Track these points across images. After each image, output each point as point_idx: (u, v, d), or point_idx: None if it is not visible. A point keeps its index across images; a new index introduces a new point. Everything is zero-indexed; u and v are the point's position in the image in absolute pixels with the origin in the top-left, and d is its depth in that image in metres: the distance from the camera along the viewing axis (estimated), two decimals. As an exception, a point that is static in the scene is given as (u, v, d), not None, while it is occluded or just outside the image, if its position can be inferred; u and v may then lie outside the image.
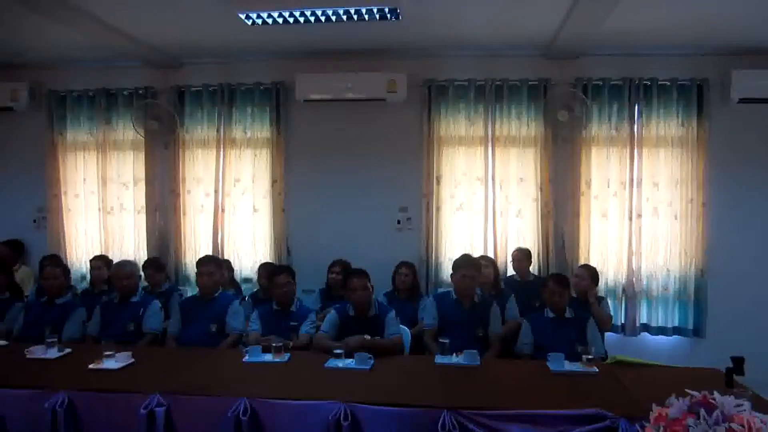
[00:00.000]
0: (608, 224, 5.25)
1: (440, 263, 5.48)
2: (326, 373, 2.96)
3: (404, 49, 5.33)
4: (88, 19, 4.42)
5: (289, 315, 3.80)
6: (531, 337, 3.60)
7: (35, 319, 3.92)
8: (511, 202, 5.38)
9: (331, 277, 4.68)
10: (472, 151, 5.42)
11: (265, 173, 5.67)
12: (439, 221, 5.47)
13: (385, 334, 3.45)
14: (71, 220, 5.98)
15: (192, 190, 5.78)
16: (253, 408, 2.51)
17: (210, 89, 5.68)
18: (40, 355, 3.25)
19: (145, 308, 3.95)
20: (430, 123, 5.42)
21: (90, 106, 5.87)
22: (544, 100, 5.21)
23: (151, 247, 5.79)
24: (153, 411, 2.55)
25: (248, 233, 5.73)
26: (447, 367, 3.08)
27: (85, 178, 5.95)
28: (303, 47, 5.30)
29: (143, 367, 3.09)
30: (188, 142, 5.77)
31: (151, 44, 5.22)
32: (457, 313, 3.69)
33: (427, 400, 2.53)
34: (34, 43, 5.24)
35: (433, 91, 5.41)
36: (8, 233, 5.92)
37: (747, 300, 5.05)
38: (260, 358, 3.18)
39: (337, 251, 5.04)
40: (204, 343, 3.69)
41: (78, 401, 2.67)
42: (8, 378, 2.88)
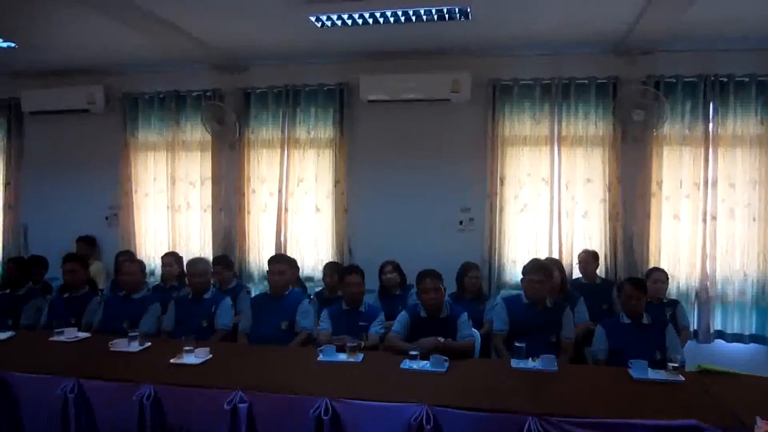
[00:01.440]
0: (680, 226, 5.05)
1: (503, 264, 5.42)
2: (403, 375, 2.95)
3: (468, 48, 5.28)
4: (160, 24, 4.58)
5: (359, 315, 3.82)
6: (606, 343, 3.48)
7: (114, 313, 4.08)
8: (577, 202, 5.25)
9: (384, 278, 4.66)
10: (537, 151, 5.32)
11: (327, 173, 5.73)
12: (503, 222, 5.40)
13: (457, 336, 3.42)
14: (141, 217, 6.21)
15: (256, 190, 5.91)
16: (334, 408, 2.53)
17: (275, 91, 5.79)
18: (124, 348, 3.39)
19: (217, 305, 4.04)
20: (494, 123, 5.36)
21: (160, 108, 6.09)
22: (616, 99, 5.06)
23: (216, 245, 5.95)
24: (236, 407, 2.60)
25: (311, 233, 5.81)
26: (524, 371, 3.03)
27: (154, 177, 6.18)
28: (366, 48, 5.32)
29: (221, 362, 3.17)
30: (253, 142, 5.90)
31: (219, 48, 5.36)
32: (529, 317, 3.61)
33: (510, 406, 2.48)
34: (109, 49, 5.47)
35: (497, 91, 5.35)
36: (82, 230, 6.19)
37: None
38: (335, 357, 3.21)
39: (399, 252, 5.02)
40: (275, 341, 3.74)
41: (163, 394, 2.76)
42: (96, 369, 3.01)
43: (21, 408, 2.98)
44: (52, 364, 3.12)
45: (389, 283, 4.63)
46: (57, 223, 6.32)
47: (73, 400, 2.80)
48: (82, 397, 2.84)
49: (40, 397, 2.92)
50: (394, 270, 4.63)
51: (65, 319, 4.05)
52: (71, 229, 6.14)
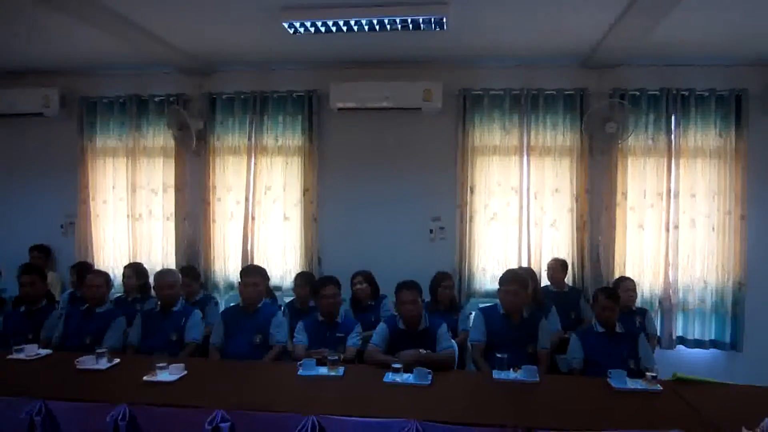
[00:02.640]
0: (644, 236, 5.21)
1: (473, 274, 5.45)
2: (387, 388, 2.91)
3: (440, 58, 5.32)
4: (122, 23, 4.40)
5: (336, 327, 3.75)
6: (581, 353, 3.53)
7: (75, 327, 3.88)
8: (546, 212, 5.34)
9: (355, 289, 4.60)
10: (507, 160, 5.40)
11: (296, 181, 5.64)
12: (473, 231, 5.44)
13: (437, 348, 3.40)
14: (99, 226, 5.96)
15: (222, 198, 5.76)
16: (321, 425, 2.46)
17: (242, 97, 5.67)
18: (91, 366, 3.20)
19: (186, 318, 3.90)
20: (465, 132, 5.40)
21: (121, 112, 5.87)
22: (587, 111, 5.14)
23: (180, 254, 5.76)
24: (218, 426, 2.50)
25: (279, 242, 5.70)
26: (506, 383, 3.03)
27: (114, 184, 5.94)
28: (338, 56, 5.29)
29: (197, 379, 3.05)
30: (219, 149, 5.75)
31: (185, 50, 5.20)
32: (506, 328, 3.62)
33: (499, 419, 2.47)
34: (66, 49, 5.23)
35: (468, 101, 5.40)
36: (36, 239, 5.90)
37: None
38: (315, 371, 3.13)
39: (369, 261, 4.97)
40: (248, 355, 3.64)
41: (139, 414, 2.63)
42: (63, 390, 2.84)
43: (-22, 434, 2.78)
44: (13, 384, 2.93)
45: (360, 294, 4.57)
46: (8, 232, 6.01)
47: (40, 423, 2.63)
48: (50, 419, 2.66)
49: (4, 420, 2.72)
50: (364, 281, 4.58)
51: (23, 334, 3.81)
52: (23, 238, 5.84)
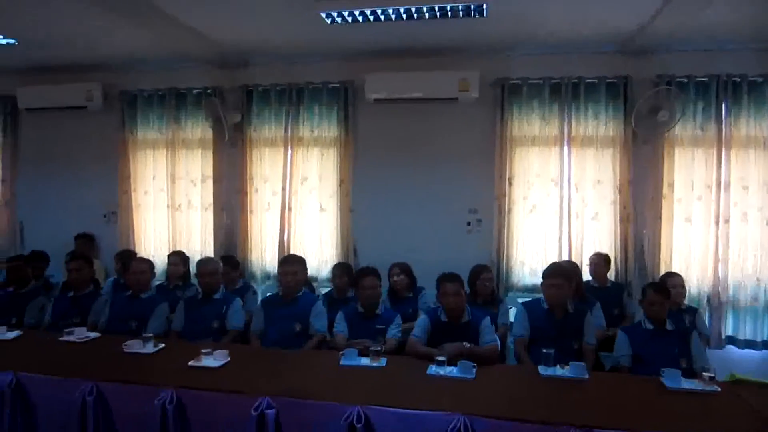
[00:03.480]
0: (692, 229, 5.02)
1: (512, 267, 5.36)
2: (430, 381, 2.87)
3: (477, 47, 5.22)
4: (163, 18, 4.46)
5: (376, 318, 3.73)
6: (629, 349, 3.41)
7: (120, 312, 3.97)
8: (587, 204, 5.21)
9: (392, 281, 4.56)
10: (547, 151, 5.27)
11: (332, 172, 5.63)
12: (511, 224, 5.34)
13: (480, 341, 3.34)
14: (141, 216, 6.08)
15: (259, 189, 5.79)
16: (367, 415, 2.44)
17: (277, 88, 5.68)
18: (138, 350, 3.28)
19: (228, 305, 3.95)
20: (503, 123, 5.30)
21: (160, 105, 5.96)
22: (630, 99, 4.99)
23: (218, 244, 5.83)
24: (264, 413, 2.51)
25: (315, 232, 5.71)
26: (554, 379, 2.95)
27: (154, 175, 6.05)
28: (372, 46, 5.24)
29: (241, 366, 3.07)
30: (256, 140, 5.79)
31: (222, 43, 5.23)
32: (550, 323, 3.53)
33: (548, 416, 2.40)
34: (108, 45, 5.33)
35: (506, 90, 5.29)
36: (79, 228, 6.05)
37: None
38: (357, 362, 3.11)
39: (405, 253, 4.92)
40: (287, 343, 3.65)
41: (186, 398, 2.66)
42: (112, 372, 2.91)
43: (36, 411, 2.87)
44: (66, 365, 3.02)
45: (397, 286, 4.53)
46: (54, 220, 6.19)
47: (92, 403, 2.70)
48: (101, 400, 2.73)
49: (57, 400, 2.81)
50: (401, 272, 4.53)
51: (70, 318, 3.92)
52: (68, 227, 6.00)
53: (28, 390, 2.90)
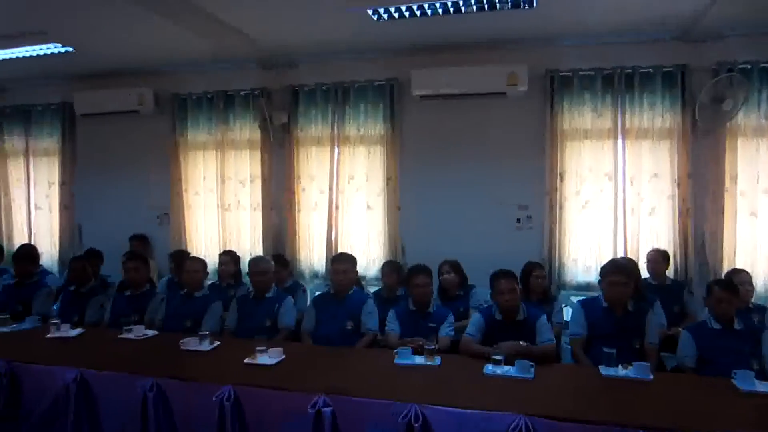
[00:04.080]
0: (758, 224, 4.77)
1: (564, 264, 5.23)
2: (487, 380, 2.80)
3: (525, 39, 5.12)
4: (211, 21, 4.54)
5: (428, 316, 3.68)
6: (694, 350, 3.25)
7: (176, 311, 4.05)
8: (643, 199, 5.02)
9: (442, 278, 4.49)
10: (599, 145, 5.12)
11: (379, 170, 5.62)
12: (563, 220, 5.20)
13: (537, 340, 3.25)
14: (192, 216, 6.21)
15: (306, 188, 5.83)
16: (424, 415, 2.40)
17: (323, 88, 5.70)
18: (195, 347, 3.35)
19: (280, 304, 3.97)
20: (553, 116, 5.17)
21: (209, 107, 6.07)
22: (689, 88, 4.79)
23: (267, 243, 5.89)
24: (320, 411, 2.50)
25: (362, 231, 5.71)
26: (616, 380, 2.83)
27: (204, 176, 6.17)
28: (418, 42, 5.20)
29: (296, 364, 3.08)
30: (302, 140, 5.83)
31: (269, 45, 5.30)
32: (609, 322, 3.39)
33: (613, 417, 2.31)
34: (159, 50, 5.49)
35: (556, 83, 5.16)
36: (134, 229, 6.22)
37: None
38: (411, 360, 3.08)
39: (453, 251, 4.82)
40: (339, 341, 3.64)
41: (243, 395, 2.68)
42: (171, 369, 2.97)
43: (99, 405, 2.96)
44: (127, 362, 3.10)
45: (447, 283, 4.46)
46: (109, 222, 6.38)
47: (152, 399, 2.75)
48: (160, 396, 2.79)
49: (119, 395, 2.89)
50: (452, 270, 4.46)
51: (128, 316, 4.03)
52: (123, 229, 6.17)
53: (91, 385, 2.98)
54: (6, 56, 5.37)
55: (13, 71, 5.99)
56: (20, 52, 5.28)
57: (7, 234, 6.88)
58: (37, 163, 6.80)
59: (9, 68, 5.81)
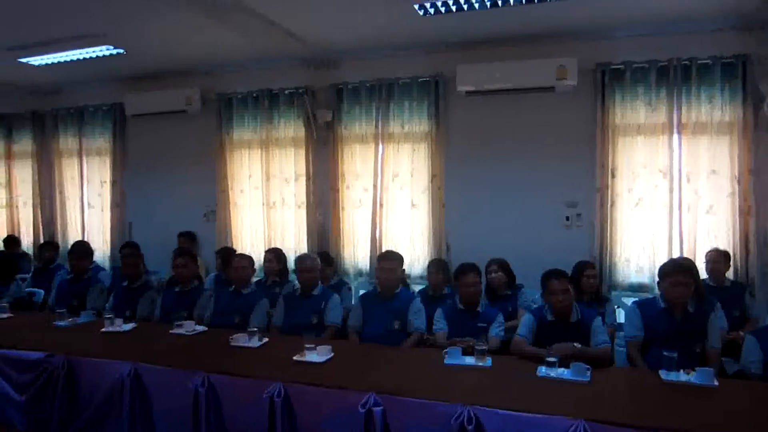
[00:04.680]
0: (826, 222, 4.51)
1: (615, 264, 5.06)
2: (541, 383, 2.72)
3: (574, 31, 4.97)
4: (253, 19, 4.57)
5: (477, 316, 3.61)
6: (761, 354, 3.07)
7: (224, 307, 4.09)
8: (700, 196, 4.81)
9: (489, 278, 4.39)
10: (654, 140, 4.92)
11: (423, 168, 5.56)
12: (614, 218, 5.04)
13: (592, 342, 3.14)
14: (237, 214, 6.29)
15: (350, 186, 5.82)
16: (477, 417, 2.34)
17: (367, 85, 5.68)
18: (244, 344, 3.37)
19: (326, 301, 3.96)
20: (604, 111, 5.01)
21: (254, 106, 6.13)
22: (757, 81, 4.56)
23: (311, 241, 5.91)
24: (371, 410, 2.47)
25: (406, 229, 5.67)
26: (678, 385, 2.69)
27: (250, 174, 6.24)
28: (464, 37, 5.13)
29: (345, 362, 3.07)
30: (346, 138, 5.82)
31: (314, 42, 5.31)
32: (668, 324, 3.23)
33: (678, 425, 2.19)
34: (206, 50, 5.59)
35: (607, 76, 4.99)
36: (182, 226, 6.34)
37: None
38: (461, 361, 3.01)
39: (499, 249, 4.73)
40: (386, 340, 3.60)
41: (292, 392, 2.68)
42: (221, 364, 2.99)
43: (152, 399, 3.01)
44: (179, 357, 3.15)
45: (494, 283, 4.37)
46: (158, 219, 6.54)
47: (204, 394, 2.78)
48: (212, 391, 2.81)
49: (171, 390, 2.94)
50: (500, 269, 4.37)
51: (178, 311, 4.10)
52: (171, 225, 6.31)
53: (144, 379, 3.04)
54: (62, 59, 5.55)
55: (67, 74, 6.19)
56: (75, 55, 5.45)
57: (62, 231, 7.14)
58: (90, 162, 7.03)
59: (64, 71, 6.01)
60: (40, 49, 5.30)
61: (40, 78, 6.44)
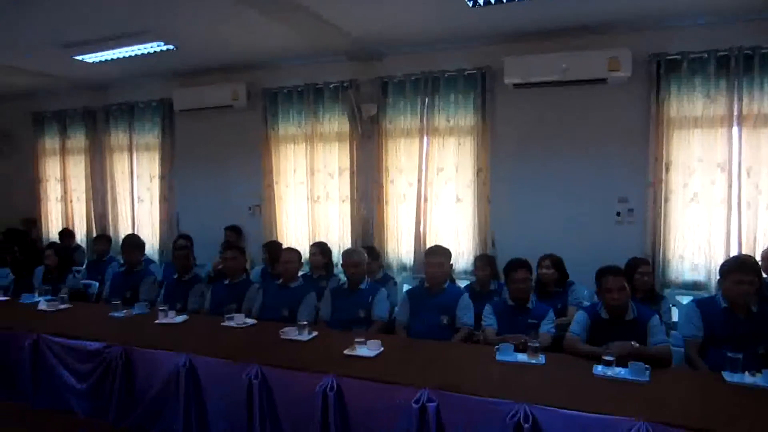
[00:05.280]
0: None
1: (669, 261, 4.89)
2: (598, 382, 2.64)
3: (626, 22, 4.81)
4: (299, 12, 4.56)
5: (527, 312, 3.55)
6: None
7: (272, 300, 4.15)
8: (761, 192, 4.59)
9: (540, 273, 4.30)
10: (712, 133, 4.72)
11: (469, 162, 5.49)
12: (669, 213, 4.87)
13: (650, 341, 3.04)
14: (282, 208, 6.35)
15: (395, 180, 5.80)
16: (533, 415, 2.29)
17: (413, 78, 5.63)
18: (294, 337, 3.40)
19: (373, 296, 3.96)
20: (659, 103, 4.83)
21: (299, 101, 6.16)
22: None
23: (354, 235, 5.92)
24: (425, 406, 2.45)
25: (451, 223, 5.61)
26: (744, 388, 2.57)
27: (294, 168, 6.29)
28: (512, 28, 5.02)
29: (395, 356, 3.06)
30: (391, 132, 5.79)
31: (359, 35, 5.27)
32: (729, 325, 3.10)
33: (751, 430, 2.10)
34: (252, 45, 5.61)
35: (662, 67, 4.80)
36: (228, 220, 6.43)
37: None
38: (513, 357, 2.96)
39: (546, 245, 4.61)
40: (434, 335, 3.58)
41: (345, 386, 2.69)
42: (274, 357, 3.03)
43: (206, 390, 3.07)
44: (231, 349, 3.20)
45: (545, 278, 4.28)
46: (204, 213, 6.66)
47: (258, 386, 2.82)
48: (265, 383, 2.84)
49: (225, 381, 2.99)
50: (552, 265, 4.28)
51: (227, 304, 4.15)
52: (217, 219, 6.40)
53: (198, 370, 3.11)
54: (115, 56, 5.70)
55: (119, 70, 6.35)
56: (128, 52, 5.56)
57: (113, 224, 7.36)
58: (140, 157, 7.20)
59: (116, 67, 6.17)
60: (95, 46, 5.44)
61: (93, 75, 6.62)
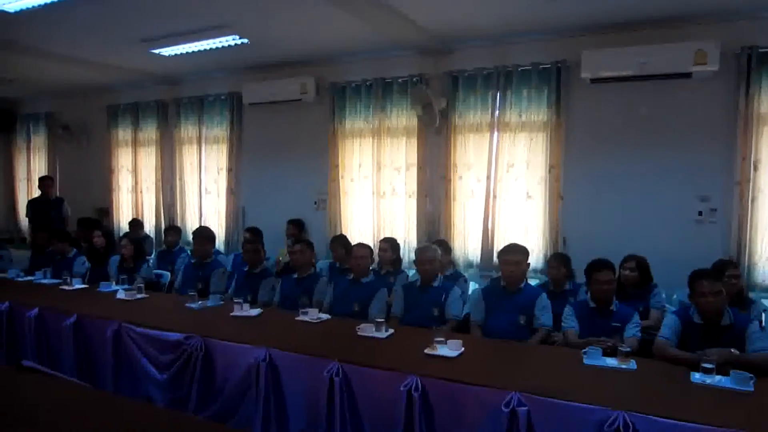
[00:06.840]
0: None
1: (755, 263, 4.65)
2: (697, 390, 2.52)
3: (714, 12, 4.56)
4: (380, 7, 4.54)
5: (610, 315, 3.43)
6: None
7: (343, 295, 4.17)
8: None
9: (623, 274, 4.14)
10: (808, 131, 4.43)
11: (540, 158, 5.35)
12: (756, 214, 4.62)
13: (749, 348, 2.87)
14: (347, 202, 6.37)
15: (463, 176, 5.72)
16: (633, 424, 2.20)
17: (484, 73, 5.53)
18: (371, 334, 3.37)
19: (447, 294, 3.91)
20: (749, 98, 4.56)
21: (367, 95, 6.15)
22: None
23: (421, 231, 5.89)
24: (515, 410, 2.39)
25: (520, 221, 5.49)
26: None
27: (360, 163, 6.28)
28: (590, 20, 4.85)
29: (477, 357, 3.01)
30: (460, 127, 5.71)
31: (429, 29, 5.20)
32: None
33: None
34: (323, 38, 5.63)
35: (753, 61, 4.53)
36: (292, 213, 6.50)
37: None
38: (602, 362, 2.86)
39: (621, 244, 4.44)
40: (510, 335, 3.50)
41: (429, 387, 2.65)
42: (353, 354, 3.01)
43: (285, 385, 3.09)
44: (309, 344, 3.21)
45: (627, 280, 4.12)
46: (270, 206, 6.77)
47: (338, 384, 2.81)
48: (345, 380, 2.84)
49: (305, 377, 3.00)
50: (636, 267, 4.11)
51: (296, 298, 4.21)
52: (282, 212, 6.48)
53: (278, 364, 3.12)
54: (189, 50, 5.81)
55: (191, 63, 6.48)
56: (202, 45, 5.66)
57: (181, 216, 7.57)
58: (208, 150, 7.38)
59: (189, 61, 6.29)
60: (171, 40, 5.58)
61: (166, 68, 6.81)
